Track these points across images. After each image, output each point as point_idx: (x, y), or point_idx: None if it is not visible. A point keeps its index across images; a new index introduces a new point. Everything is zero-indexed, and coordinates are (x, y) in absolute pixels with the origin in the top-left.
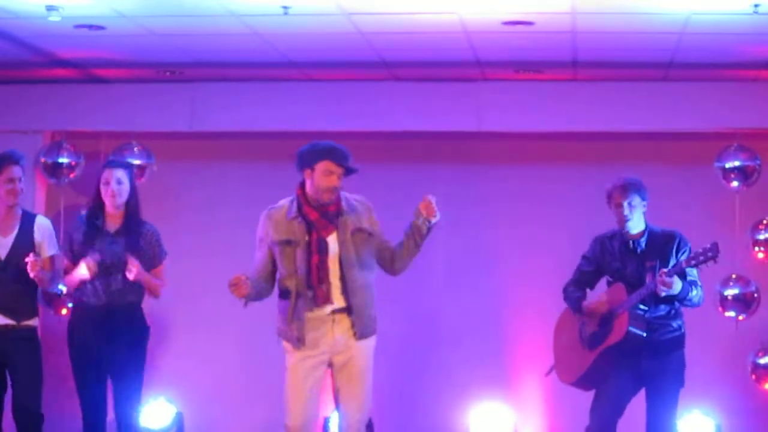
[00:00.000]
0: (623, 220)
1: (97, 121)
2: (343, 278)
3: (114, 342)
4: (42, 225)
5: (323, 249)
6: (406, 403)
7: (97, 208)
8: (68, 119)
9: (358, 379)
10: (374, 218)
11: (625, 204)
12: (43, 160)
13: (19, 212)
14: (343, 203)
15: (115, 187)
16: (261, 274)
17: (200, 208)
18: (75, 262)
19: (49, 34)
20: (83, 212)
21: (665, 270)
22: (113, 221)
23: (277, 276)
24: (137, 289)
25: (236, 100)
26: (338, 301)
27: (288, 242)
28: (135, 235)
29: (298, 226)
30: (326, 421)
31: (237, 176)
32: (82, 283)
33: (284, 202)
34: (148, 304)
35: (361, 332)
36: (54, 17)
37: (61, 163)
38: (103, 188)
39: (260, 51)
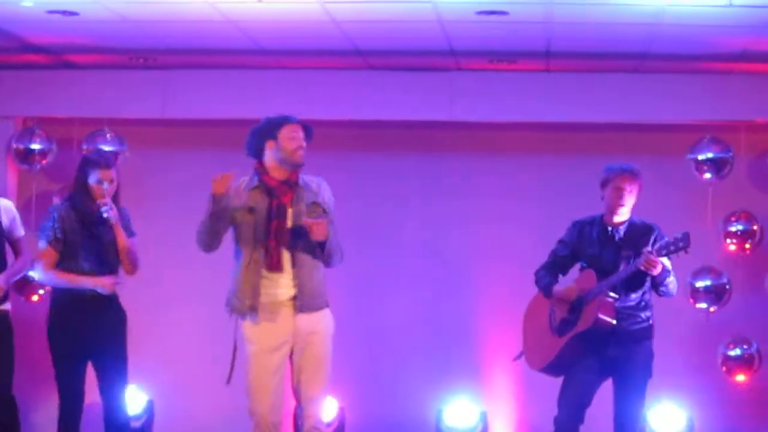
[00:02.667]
0: (618, 205)
1: (70, 108)
2: (293, 253)
3: (99, 328)
4: (6, 207)
5: (282, 214)
6: (377, 395)
7: (86, 197)
8: (40, 105)
9: (317, 364)
10: (330, 197)
11: (628, 189)
12: (14, 146)
13: None
14: (300, 179)
15: (108, 186)
16: None
17: (172, 194)
18: (61, 251)
19: (22, 19)
20: (56, 200)
21: (648, 249)
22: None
23: (234, 246)
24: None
25: (209, 87)
26: (292, 287)
27: (251, 209)
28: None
29: (260, 194)
30: (298, 410)
31: (209, 163)
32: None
33: (242, 178)
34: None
35: (302, 305)
36: (27, 2)
37: (33, 150)
38: (95, 186)
39: (234, 38)
